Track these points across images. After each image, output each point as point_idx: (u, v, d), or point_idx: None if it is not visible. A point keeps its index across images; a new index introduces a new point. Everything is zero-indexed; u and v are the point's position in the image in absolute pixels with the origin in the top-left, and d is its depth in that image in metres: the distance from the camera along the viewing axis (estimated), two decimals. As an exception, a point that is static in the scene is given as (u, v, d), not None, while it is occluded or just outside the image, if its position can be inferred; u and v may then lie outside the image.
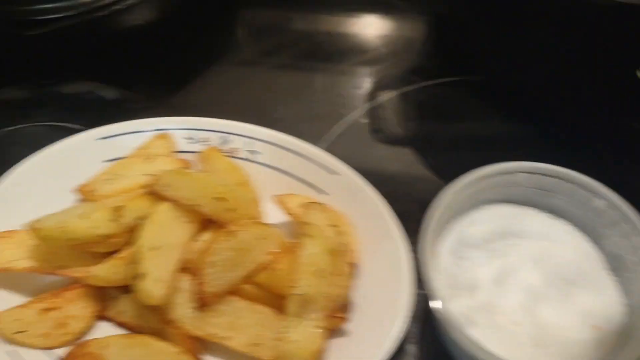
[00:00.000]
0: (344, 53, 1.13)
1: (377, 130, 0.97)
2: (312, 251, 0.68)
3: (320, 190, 0.81)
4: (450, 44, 1.12)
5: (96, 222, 0.70)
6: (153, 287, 0.66)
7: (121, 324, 0.74)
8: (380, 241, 0.74)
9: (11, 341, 0.68)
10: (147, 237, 0.68)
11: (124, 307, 0.73)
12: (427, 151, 0.94)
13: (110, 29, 0.98)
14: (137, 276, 0.66)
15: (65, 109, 0.97)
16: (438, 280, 0.64)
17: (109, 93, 0.98)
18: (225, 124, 0.83)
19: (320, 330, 0.67)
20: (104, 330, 0.74)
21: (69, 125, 0.95)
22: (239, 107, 0.99)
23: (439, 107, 1.03)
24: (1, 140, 0.93)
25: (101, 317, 0.74)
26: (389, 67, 1.10)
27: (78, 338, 0.72)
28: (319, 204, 0.76)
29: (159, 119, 0.83)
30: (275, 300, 0.71)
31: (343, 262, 0.71)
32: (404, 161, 0.94)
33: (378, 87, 1.03)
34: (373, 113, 0.99)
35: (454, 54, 1.09)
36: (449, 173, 0.72)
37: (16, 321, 0.68)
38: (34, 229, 0.70)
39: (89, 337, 0.73)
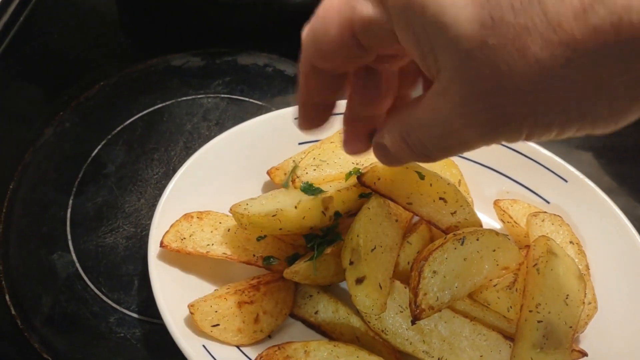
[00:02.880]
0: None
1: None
2: (559, 273, 0.58)
3: (542, 198, 0.70)
4: None
5: (307, 213, 0.62)
6: (374, 294, 0.58)
7: (313, 325, 0.67)
8: (625, 266, 0.63)
9: (206, 335, 0.62)
10: (365, 236, 0.60)
11: (319, 308, 0.66)
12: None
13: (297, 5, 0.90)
14: (357, 280, 0.58)
15: (242, 81, 0.90)
16: None
17: (288, 68, 0.90)
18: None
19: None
20: (292, 330, 0.67)
21: (246, 99, 0.88)
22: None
23: None
24: (176, 110, 0.87)
25: (290, 314, 0.68)
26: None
27: (267, 336, 0.66)
28: (555, 216, 0.65)
29: (361, 101, 0.74)
30: (498, 322, 0.62)
31: (585, 288, 0.61)
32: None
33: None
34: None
35: None
36: None
37: (213, 313, 0.62)
38: (238, 214, 0.63)
39: (276, 336, 0.66)
